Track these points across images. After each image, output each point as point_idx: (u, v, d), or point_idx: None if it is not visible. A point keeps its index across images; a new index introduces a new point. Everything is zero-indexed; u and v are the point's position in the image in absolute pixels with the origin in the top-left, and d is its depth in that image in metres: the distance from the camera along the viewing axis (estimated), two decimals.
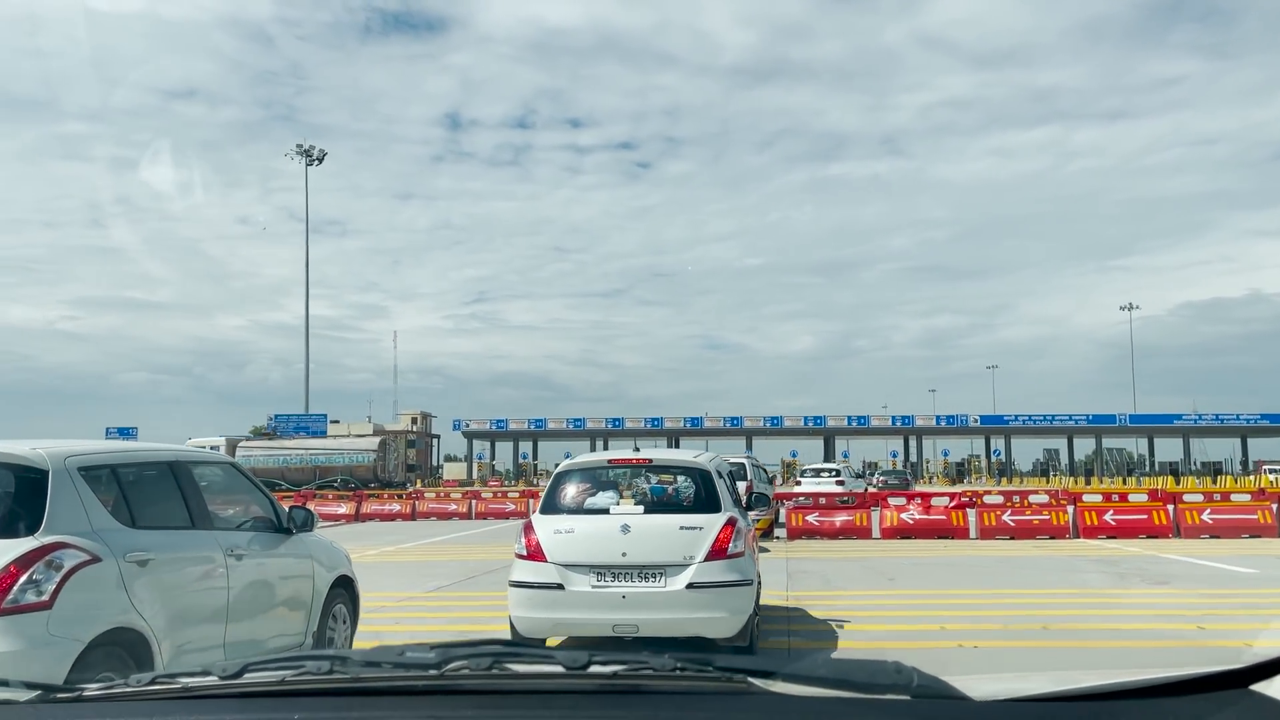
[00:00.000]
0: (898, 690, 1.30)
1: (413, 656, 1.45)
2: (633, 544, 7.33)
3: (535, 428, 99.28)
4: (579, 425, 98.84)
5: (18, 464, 4.96)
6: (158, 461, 5.92)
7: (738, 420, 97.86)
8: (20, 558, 4.52)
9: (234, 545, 5.97)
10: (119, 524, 5.13)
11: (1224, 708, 1.21)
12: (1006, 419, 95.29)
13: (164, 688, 1.46)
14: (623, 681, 1.39)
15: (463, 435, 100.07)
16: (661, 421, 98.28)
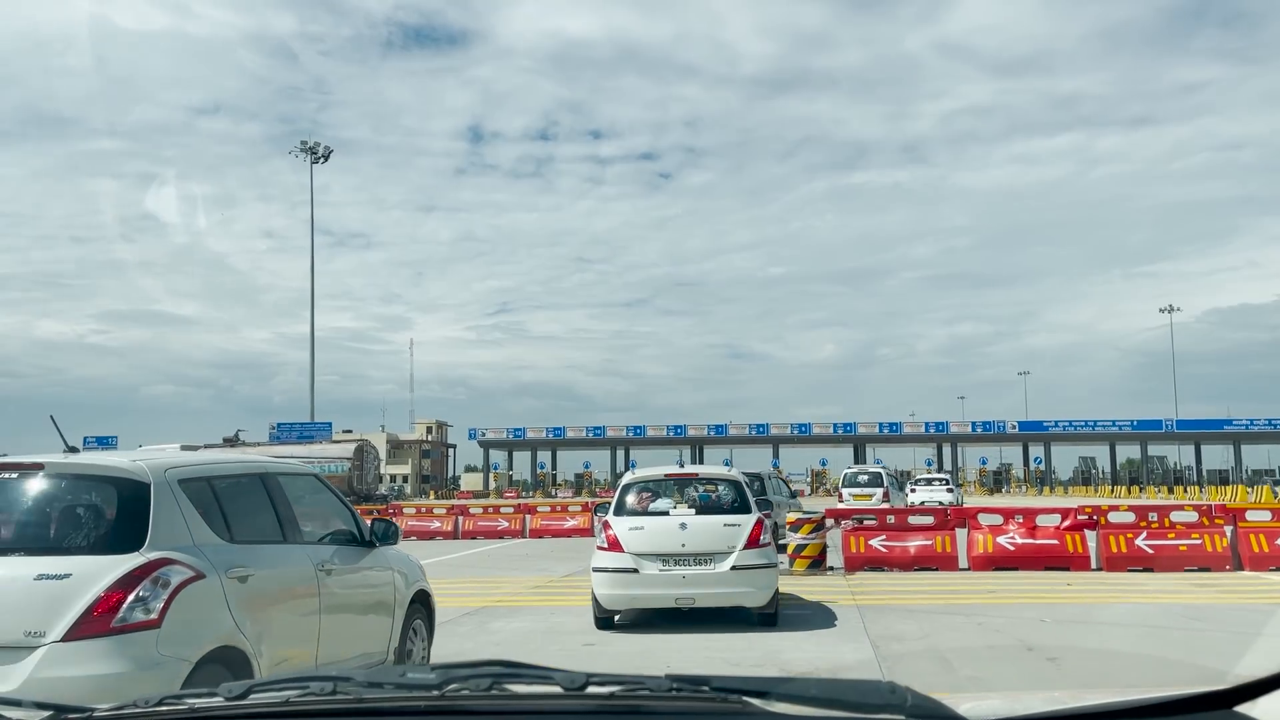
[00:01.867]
0: (891, 710, 1.29)
1: (414, 677, 1.45)
2: (690, 537, 9.53)
3: (554, 437, 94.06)
4: (599, 434, 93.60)
5: (119, 476, 4.79)
6: (250, 473, 5.72)
7: (764, 428, 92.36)
8: (126, 575, 4.35)
9: (323, 559, 5.75)
10: (218, 539, 4.94)
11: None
12: (1045, 425, 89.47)
13: (172, 709, 1.46)
14: (620, 702, 1.38)
15: (479, 445, 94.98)
16: (685, 430, 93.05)
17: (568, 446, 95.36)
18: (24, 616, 4.22)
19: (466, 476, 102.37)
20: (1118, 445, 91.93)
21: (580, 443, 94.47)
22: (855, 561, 15.60)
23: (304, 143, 71.60)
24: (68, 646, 4.17)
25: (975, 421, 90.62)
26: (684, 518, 9.77)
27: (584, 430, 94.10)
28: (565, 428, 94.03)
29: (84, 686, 3.98)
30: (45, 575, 4.31)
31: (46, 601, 4.25)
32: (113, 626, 4.24)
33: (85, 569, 4.36)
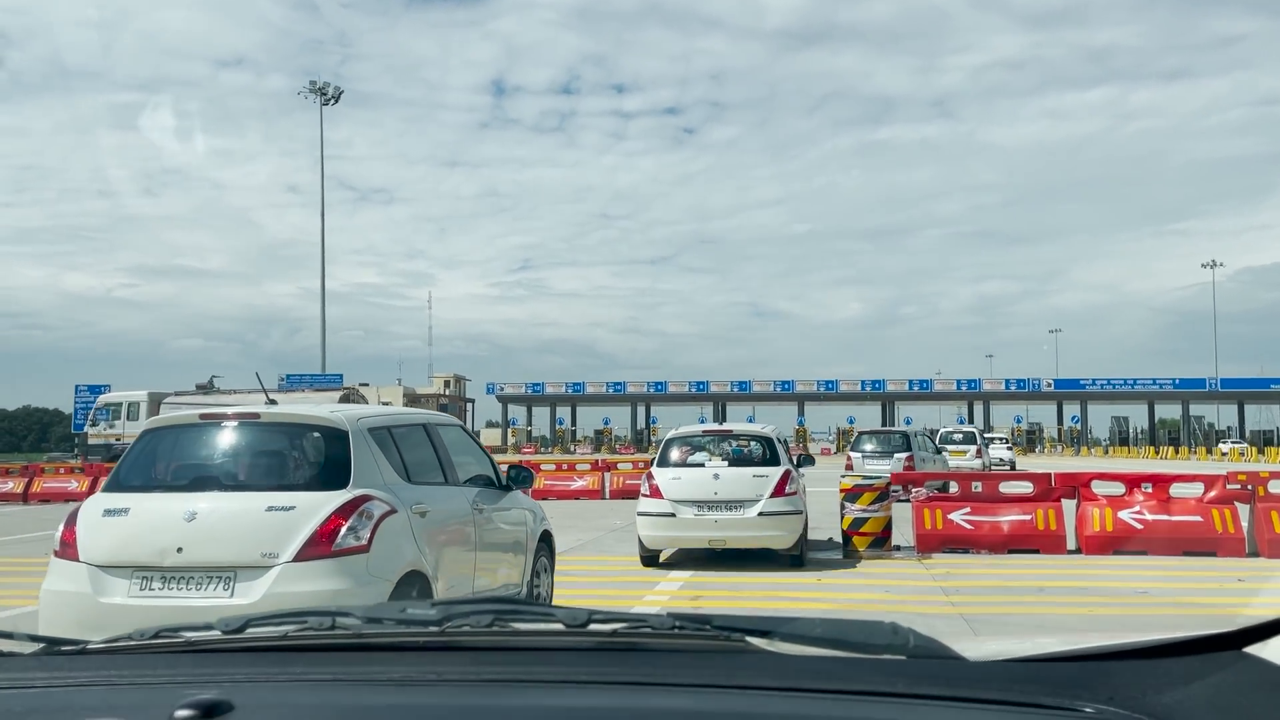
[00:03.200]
0: (894, 650, 1.28)
1: (414, 613, 1.43)
2: (722, 486, 10.48)
3: (573, 392, 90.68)
4: (619, 390, 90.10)
5: (323, 426, 5.41)
6: (415, 423, 6.27)
7: (789, 385, 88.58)
8: (341, 507, 4.95)
9: (474, 500, 6.25)
10: (399, 479, 5.48)
11: (1218, 669, 1.19)
12: (1082, 383, 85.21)
13: (168, 641, 1.43)
14: (621, 640, 1.36)
15: (497, 400, 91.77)
16: (707, 386, 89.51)
17: (587, 402, 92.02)
18: (260, 541, 4.83)
19: (486, 432, 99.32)
20: (1156, 404, 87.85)
21: (600, 398, 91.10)
22: (930, 540, 11.95)
23: (313, 83, 68.06)
24: (297, 566, 4.77)
25: (1009, 379, 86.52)
26: (718, 468, 10.78)
27: (604, 386, 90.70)
28: (585, 383, 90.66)
29: (312, 599, 4.54)
30: (274, 507, 4.93)
31: (277, 529, 4.86)
32: (333, 550, 4.83)
33: (305, 503, 4.97)
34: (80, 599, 4.84)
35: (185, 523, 4.86)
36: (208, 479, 5.33)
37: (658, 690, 1.21)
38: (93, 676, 1.33)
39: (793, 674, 1.24)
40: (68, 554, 5.02)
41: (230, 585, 4.78)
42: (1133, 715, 1.09)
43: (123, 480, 5.35)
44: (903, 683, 1.18)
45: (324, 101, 67.24)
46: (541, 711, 1.16)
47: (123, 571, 4.86)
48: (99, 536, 4.99)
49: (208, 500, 5.05)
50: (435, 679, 1.26)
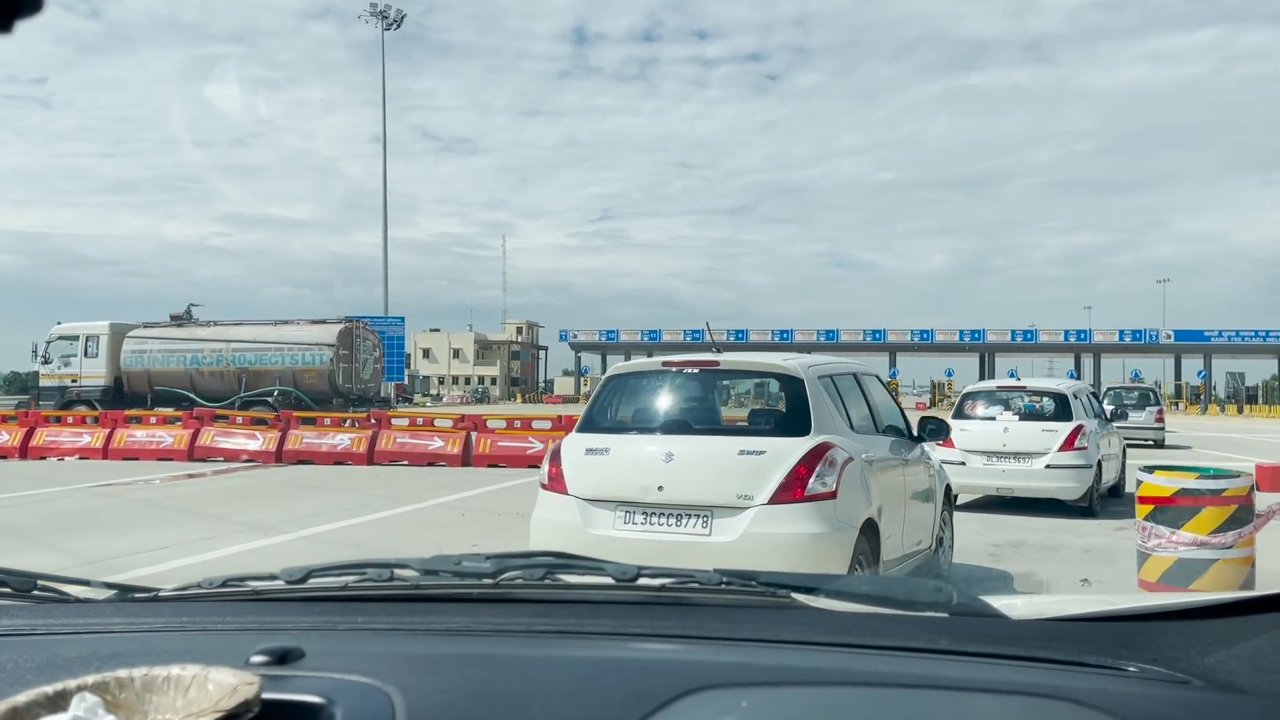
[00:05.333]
0: (937, 608, 1.28)
1: (469, 566, 1.43)
2: (1010, 439, 10.85)
3: (649, 340, 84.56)
4: (697, 338, 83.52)
5: (781, 373, 5.48)
6: (848, 372, 6.09)
7: (880, 334, 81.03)
8: (807, 454, 4.92)
9: (899, 449, 6.04)
10: (846, 427, 5.36)
11: (1261, 631, 1.16)
12: (1206, 334, 75.93)
13: (234, 590, 1.45)
14: (670, 594, 1.37)
15: (570, 347, 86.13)
16: (791, 335, 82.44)
17: (664, 350, 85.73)
18: (735, 483, 4.93)
19: (560, 380, 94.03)
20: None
21: (677, 347, 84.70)
22: None
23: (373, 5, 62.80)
24: (771, 509, 4.83)
25: (1122, 330, 77.65)
26: (1007, 423, 10.95)
27: (681, 334, 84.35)
28: (661, 330, 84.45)
29: (786, 540, 4.72)
30: (745, 451, 5.03)
31: (749, 472, 4.92)
32: (805, 495, 4.82)
33: (774, 448, 5.00)
34: (571, 529, 5.04)
35: (664, 463, 5.03)
36: (679, 422, 5.50)
37: (704, 644, 1.20)
38: (167, 622, 1.35)
39: (837, 630, 1.24)
40: (555, 487, 5.29)
41: (708, 523, 4.91)
42: (1175, 675, 1.07)
43: (595, 422, 5.57)
44: (946, 640, 1.18)
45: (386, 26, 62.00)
46: (596, 662, 1.15)
47: (608, 505, 5.10)
48: (585, 473, 5.23)
49: (683, 443, 5.21)
50: (491, 630, 1.27)
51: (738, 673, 1.09)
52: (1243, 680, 1.06)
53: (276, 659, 1.08)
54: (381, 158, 61.19)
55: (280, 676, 1.04)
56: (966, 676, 1.07)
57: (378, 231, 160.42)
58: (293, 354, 22.14)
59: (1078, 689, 1.02)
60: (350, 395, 22.60)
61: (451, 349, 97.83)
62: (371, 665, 1.07)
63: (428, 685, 1.06)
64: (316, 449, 17.10)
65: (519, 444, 16.51)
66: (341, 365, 22.39)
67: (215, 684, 0.96)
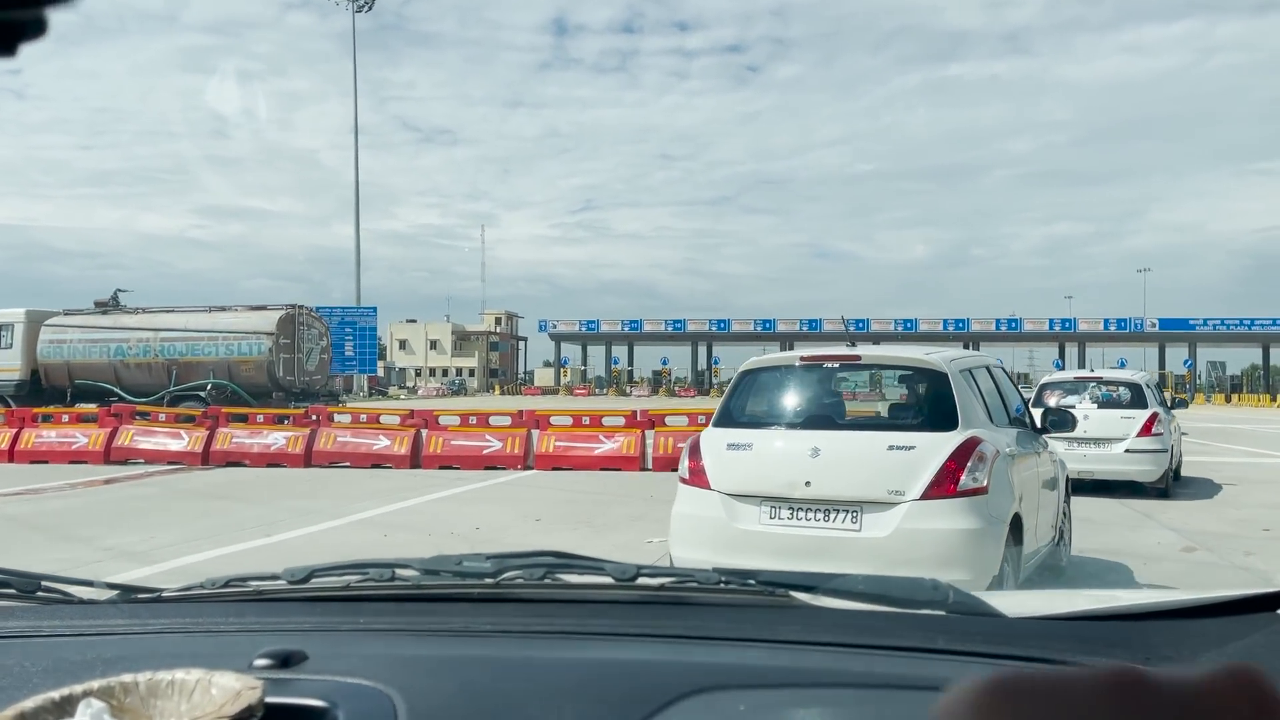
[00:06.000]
0: (934, 606, 1.29)
1: (470, 566, 1.42)
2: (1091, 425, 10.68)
3: (630, 330, 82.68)
4: (679, 328, 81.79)
5: (925, 368, 5.26)
6: (982, 364, 5.91)
7: (864, 324, 79.30)
8: (958, 449, 4.75)
9: (1028, 442, 5.83)
10: (987, 421, 5.23)
11: (1252, 630, 1.16)
12: (1191, 323, 74.78)
13: (237, 590, 1.44)
14: (669, 593, 1.37)
15: (550, 338, 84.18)
16: (774, 325, 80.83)
17: (645, 341, 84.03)
18: (885, 478, 4.78)
19: (540, 372, 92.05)
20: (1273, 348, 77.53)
21: (658, 337, 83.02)
22: None
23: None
24: (924, 504, 4.67)
25: (1108, 319, 76.42)
26: (1087, 410, 10.89)
27: (662, 324, 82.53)
28: (642, 320, 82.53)
29: (941, 536, 4.60)
30: (894, 446, 4.88)
31: (900, 467, 4.77)
32: (957, 490, 4.66)
33: (923, 442, 4.85)
34: (715, 523, 4.97)
35: (810, 458, 4.91)
36: (823, 417, 5.38)
37: (704, 644, 1.20)
38: (170, 624, 1.34)
39: (836, 629, 1.24)
40: (697, 482, 5.13)
41: (858, 519, 4.79)
42: None
43: (733, 416, 5.42)
44: (943, 639, 1.18)
45: (358, 8, 59.90)
46: (595, 664, 1.15)
47: (753, 500, 4.95)
48: (728, 468, 5.08)
49: (829, 438, 5.07)
50: (492, 630, 1.27)
51: (736, 674, 1.10)
52: None
53: (280, 662, 1.08)
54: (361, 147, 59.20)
55: (283, 680, 1.04)
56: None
57: None
58: (228, 344, 19.91)
59: None
60: (293, 389, 20.43)
61: (428, 340, 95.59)
62: (373, 667, 1.08)
63: (428, 687, 1.06)
64: (248, 449, 15.16)
65: (474, 443, 14.64)
66: (282, 356, 20.20)
67: (219, 688, 0.96)
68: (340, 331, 60.11)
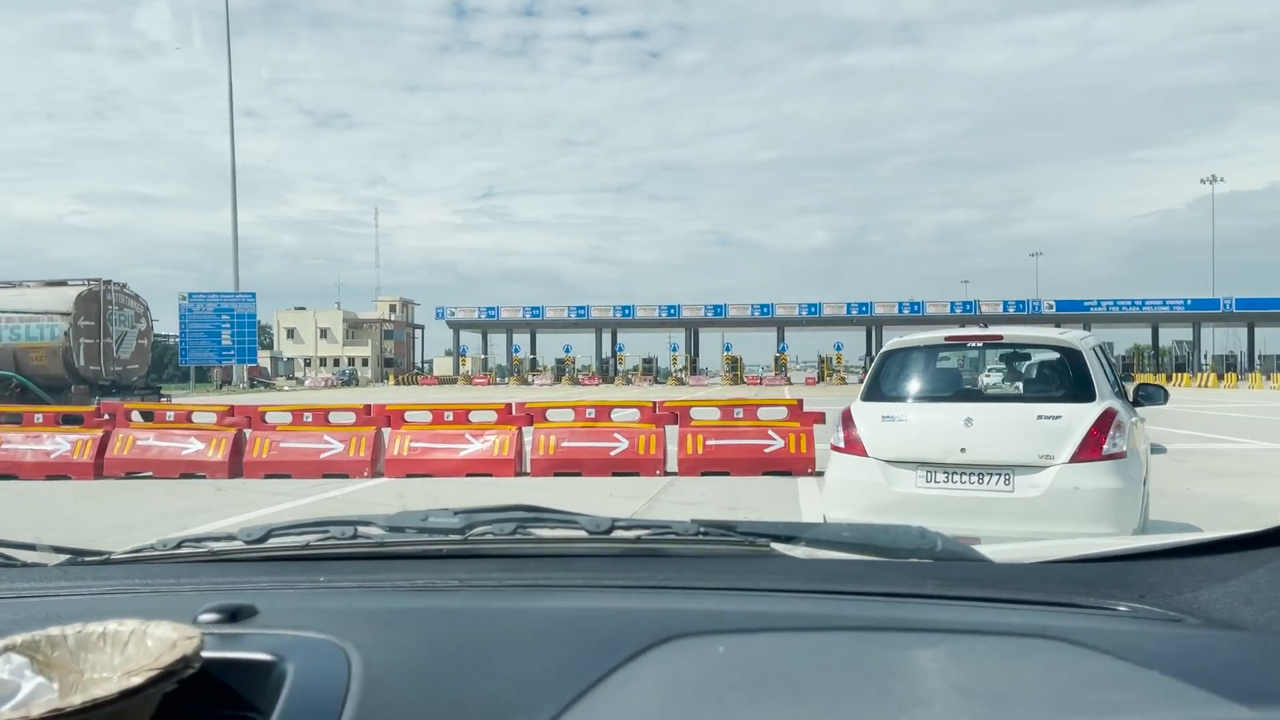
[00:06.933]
0: (920, 554, 1.25)
1: (436, 521, 1.36)
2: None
3: (532, 317, 79.53)
4: (583, 315, 79.00)
5: (1062, 345, 5.73)
6: (1101, 344, 6.18)
7: (768, 309, 77.91)
8: (1099, 418, 5.18)
9: (1132, 413, 5.86)
10: (1113, 393, 5.59)
11: (1255, 566, 1.09)
12: (1086, 304, 75.55)
13: (191, 551, 1.38)
14: (645, 545, 1.32)
15: (448, 325, 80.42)
16: (679, 311, 78.75)
17: (548, 328, 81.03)
18: (1036, 444, 5.20)
19: (440, 361, 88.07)
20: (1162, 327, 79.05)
21: (561, 324, 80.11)
22: None
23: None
24: (1073, 466, 5.09)
25: (1007, 300, 76.62)
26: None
27: (566, 310, 79.64)
28: (544, 307, 79.46)
29: (1090, 495, 5.01)
30: (1043, 416, 5.31)
31: (1048, 435, 5.19)
32: (1102, 455, 5.08)
33: (1068, 413, 5.27)
34: (875, 488, 5.39)
35: (964, 427, 5.30)
36: (973, 391, 5.99)
37: (681, 593, 1.15)
38: (116, 585, 1.28)
39: (819, 577, 1.20)
40: (854, 450, 5.54)
41: (1010, 480, 5.17)
42: (1168, 613, 1.05)
43: (882, 391, 5.86)
44: (931, 584, 1.14)
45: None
46: (565, 613, 1.09)
47: (909, 466, 5.39)
48: (885, 437, 5.49)
49: (981, 409, 5.48)
50: (458, 584, 1.22)
51: (714, 620, 1.06)
52: (1240, 616, 1.02)
53: (227, 616, 1.03)
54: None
55: (229, 634, 1.00)
56: (953, 619, 1.05)
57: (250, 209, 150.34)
58: (14, 326, 16.26)
59: (1067, 628, 0.99)
60: (99, 381, 16.86)
61: (318, 328, 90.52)
62: (328, 622, 1.04)
63: (386, 640, 1.01)
64: (20, 459, 11.87)
65: (312, 445, 11.65)
66: (83, 341, 16.58)
67: (154, 639, 0.91)
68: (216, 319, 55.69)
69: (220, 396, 44.74)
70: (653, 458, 11.05)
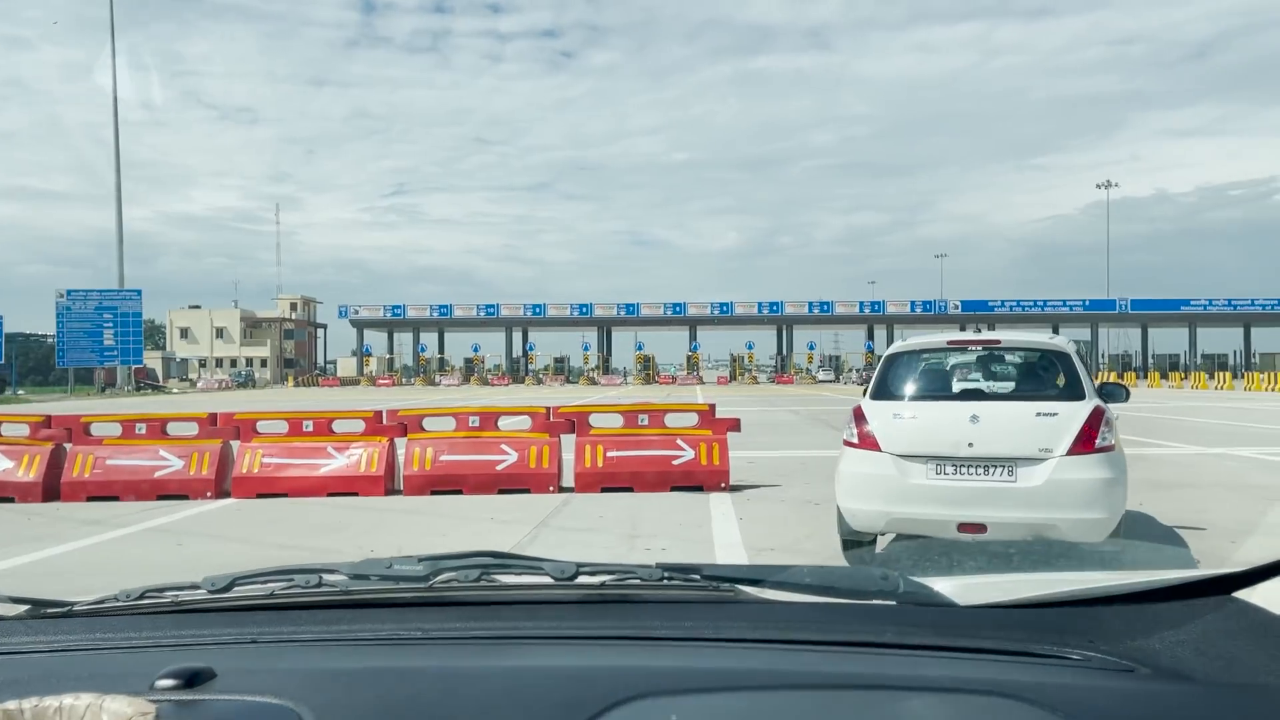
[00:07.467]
0: (884, 596, 1.25)
1: (400, 569, 1.35)
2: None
3: (439, 316, 77.18)
4: (492, 313, 76.97)
5: (1052, 349, 6.19)
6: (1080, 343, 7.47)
7: (681, 308, 77.12)
8: (1091, 415, 5.59)
9: None
10: (1094, 392, 5.92)
11: (1206, 613, 1.14)
12: (991, 305, 76.80)
13: (153, 602, 1.36)
14: (610, 591, 1.32)
15: (351, 324, 77.47)
16: (591, 309, 77.43)
17: (456, 327, 78.77)
18: (1035, 439, 5.57)
19: (344, 361, 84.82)
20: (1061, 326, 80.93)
21: (471, 323, 77.99)
22: None
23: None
24: (1070, 459, 5.49)
25: (914, 301, 77.34)
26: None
27: (475, 309, 77.56)
28: (452, 306, 77.22)
29: (1085, 484, 5.42)
30: (1042, 413, 5.68)
31: (1047, 430, 5.57)
32: (1095, 448, 5.50)
33: (1063, 410, 5.67)
34: (888, 479, 5.73)
35: (970, 424, 5.65)
36: (976, 391, 6.24)
37: (641, 646, 1.15)
38: (77, 641, 1.26)
39: (782, 621, 1.20)
40: (868, 445, 5.86)
41: (1013, 472, 5.52)
42: (1120, 662, 1.06)
43: (890, 390, 6.16)
44: (891, 631, 1.14)
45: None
46: (521, 672, 1.09)
47: (920, 459, 5.70)
48: (897, 433, 5.80)
49: (986, 407, 5.81)
50: (421, 637, 1.21)
51: (673, 677, 1.05)
52: (1189, 666, 1.03)
53: (185, 682, 1.02)
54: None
55: (185, 701, 0.99)
56: (910, 675, 1.04)
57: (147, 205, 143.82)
58: None
59: (1019, 683, 1.00)
60: None
61: (214, 328, 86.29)
62: (285, 684, 1.02)
63: (343, 703, 1.00)
64: None
65: (145, 461, 9.85)
66: None
67: (110, 714, 0.92)
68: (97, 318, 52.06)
69: (75, 402, 41.66)
70: (545, 472, 9.60)
